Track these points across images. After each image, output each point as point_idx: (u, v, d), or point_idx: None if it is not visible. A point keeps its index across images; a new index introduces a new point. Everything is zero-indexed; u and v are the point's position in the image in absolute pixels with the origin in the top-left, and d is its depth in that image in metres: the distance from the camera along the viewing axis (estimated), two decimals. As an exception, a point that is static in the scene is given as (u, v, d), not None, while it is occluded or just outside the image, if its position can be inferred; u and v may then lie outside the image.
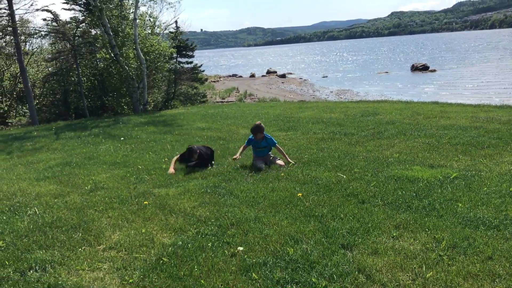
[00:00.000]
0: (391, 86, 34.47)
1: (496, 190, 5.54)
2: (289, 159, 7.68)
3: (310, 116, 13.31)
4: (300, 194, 5.79)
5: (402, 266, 3.83)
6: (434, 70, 44.78)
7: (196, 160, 7.71)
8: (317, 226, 4.76)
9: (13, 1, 19.62)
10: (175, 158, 8.15)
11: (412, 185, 5.94)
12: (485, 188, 5.63)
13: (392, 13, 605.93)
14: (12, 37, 21.19)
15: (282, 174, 6.90)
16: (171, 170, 7.65)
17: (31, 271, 4.17)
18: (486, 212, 4.86)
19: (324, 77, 49.77)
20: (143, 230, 4.98)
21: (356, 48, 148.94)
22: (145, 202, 5.96)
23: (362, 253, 4.10)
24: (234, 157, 7.82)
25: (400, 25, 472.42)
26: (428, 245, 4.17)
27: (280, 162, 7.67)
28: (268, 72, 60.91)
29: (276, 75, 56.72)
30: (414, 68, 47.05)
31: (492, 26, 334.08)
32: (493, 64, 46.57)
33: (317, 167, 7.24)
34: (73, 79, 24.23)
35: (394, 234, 4.45)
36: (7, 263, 4.35)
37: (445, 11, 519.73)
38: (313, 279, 3.68)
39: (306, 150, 8.57)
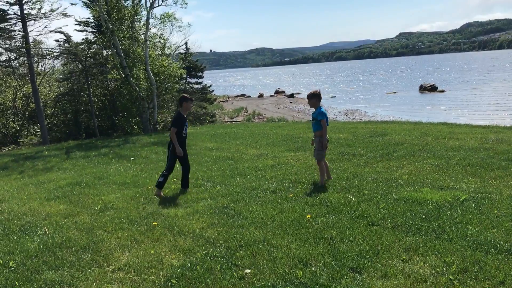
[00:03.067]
0: (400, 107, 34.45)
1: (507, 213, 5.48)
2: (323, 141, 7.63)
3: (318, 137, 13.31)
4: (309, 216, 5.78)
5: (412, 290, 3.79)
6: (443, 91, 44.70)
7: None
8: (326, 248, 4.74)
9: (27, 24, 20.06)
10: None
11: (421, 207, 5.91)
12: (496, 211, 5.58)
13: (400, 34, 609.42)
14: (25, 58, 21.60)
15: (291, 195, 6.90)
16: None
17: (41, 292, 4.19)
18: (497, 236, 4.80)
19: (332, 97, 49.91)
20: (152, 251, 5.00)
21: (364, 69, 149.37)
22: (154, 223, 5.98)
23: (371, 277, 4.07)
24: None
25: (408, 45, 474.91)
26: (438, 269, 4.14)
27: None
28: (277, 92, 61.26)
29: (285, 95, 57.03)
30: (423, 89, 47.02)
31: (500, 47, 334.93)
32: (502, 85, 46.43)
33: (326, 188, 7.24)
34: (84, 99, 24.59)
35: (404, 257, 4.42)
36: (17, 284, 4.38)
37: (453, 32, 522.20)
38: (322, 303, 3.65)
39: (315, 171, 8.57)
